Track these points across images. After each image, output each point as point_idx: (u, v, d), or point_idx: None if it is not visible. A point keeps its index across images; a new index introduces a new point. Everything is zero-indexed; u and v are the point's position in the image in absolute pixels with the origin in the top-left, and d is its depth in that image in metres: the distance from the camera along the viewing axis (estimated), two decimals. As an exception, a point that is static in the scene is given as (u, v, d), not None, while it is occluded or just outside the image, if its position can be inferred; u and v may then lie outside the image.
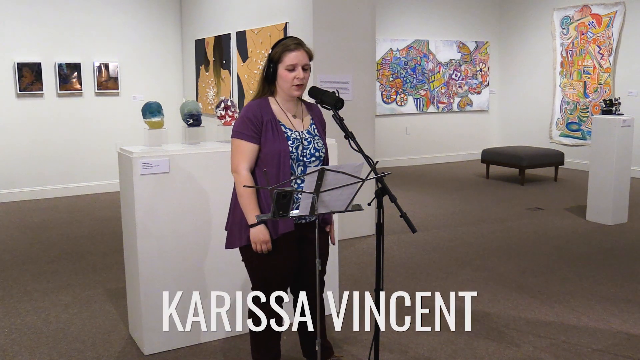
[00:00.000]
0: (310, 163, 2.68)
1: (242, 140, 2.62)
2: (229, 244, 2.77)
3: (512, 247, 5.40)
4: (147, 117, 3.50)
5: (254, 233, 2.59)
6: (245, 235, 2.66)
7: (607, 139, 6.09)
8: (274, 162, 2.60)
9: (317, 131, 2.75)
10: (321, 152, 2.72)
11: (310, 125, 2.75)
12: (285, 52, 2.61)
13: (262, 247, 2.60)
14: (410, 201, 7.35)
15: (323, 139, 2.77)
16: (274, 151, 2.59)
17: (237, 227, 2.71)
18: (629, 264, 4.93)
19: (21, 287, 4.46)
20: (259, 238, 2.59)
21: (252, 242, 2.61)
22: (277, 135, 2.61)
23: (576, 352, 3.36)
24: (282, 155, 2.59)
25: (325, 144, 2.77)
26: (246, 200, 2.60)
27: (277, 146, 2.59)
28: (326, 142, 2.80)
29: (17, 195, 7.55)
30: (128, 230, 3.40)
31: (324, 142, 2.76)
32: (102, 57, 7.95)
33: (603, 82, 9.28)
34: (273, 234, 2.62)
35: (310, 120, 2.77)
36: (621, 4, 8.97)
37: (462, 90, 10.77)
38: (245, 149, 2.62)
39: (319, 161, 2.72)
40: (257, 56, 6.63)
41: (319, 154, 2.71)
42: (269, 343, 2.86)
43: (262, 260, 2.66)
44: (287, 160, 2.60)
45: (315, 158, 2.70)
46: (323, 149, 2.73)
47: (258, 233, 2.59)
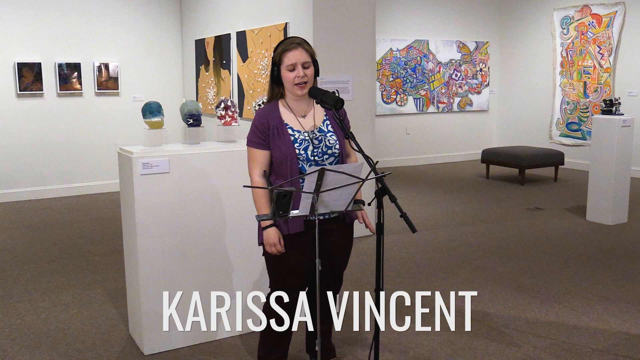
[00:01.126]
0: (323, 161, 2.69)
1: (253, 148, 2.70)
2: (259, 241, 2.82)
3: (512, 247, 5.40)
4: (147, 117, 3.50)
5: (265, 236, 2.64)
6: (262, 235, 2.71)
7: (607, 139, 6.09)
8: (283, 165, 2.65)
9: (330, 127, 2.75)
10: (334, 148, 2.71)
11: (323, 122, 2.75)
12: (284, 52, 2.65)
13: (272, 249, 2.64)
14: (410, 201, 7.35)
15: (338, 134, 2.74)
16: (282, 155, 2.64)
17: (259, 227, 2.77)
18: (629, 264, 4.93)
19: (21, 287, 4.46)
20: (267, 240, 2.64)
21: (265, 244, 2.67)
22: (283, 139, 2.65)
23: (576, 352, 3.36)
24: (290, 159, 2.63)
25: (341, 140, 2.74)
26: (257, 202, 2.68)
27: (284, 150, 2.63)
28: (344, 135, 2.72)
29: (17, 195, 7.55)
30: (128, 230, 3.40)
31: (339, 137, 2.74)
32: (102, 57, 7.95)
33: (603, 82, 9.28)
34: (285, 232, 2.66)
35: (324, 116, 2.77)
36: (621, 4, 8.97)
37: (462, 90, 10.77)
38: (257, 155, 2.70)
39: (334, 158, 2.72)
40: (257, 56, 6.63)
41: (332, 150, 2.70)
42: (281, 342, 2.88)
43: (277, 259, 2.71)
44: (295, 163, 2.63)
45: (329, 155, 2.70)
46: (337, 145, 2.72)
47: (268, 236, 2.63)
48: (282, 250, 2.65)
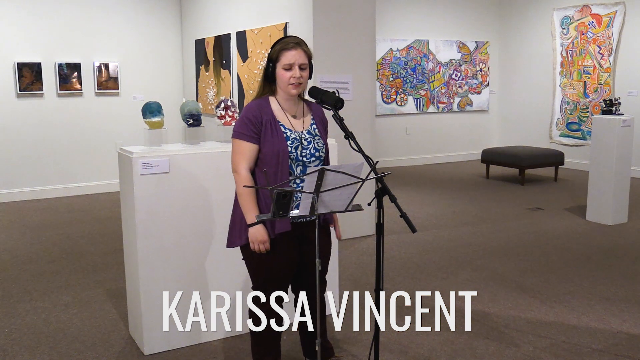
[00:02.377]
0: (310, 163, 2.68)
1: (242, 141, 2.63)
2: (230, 242, 2.78)
3: (512, 247, 5.40)
4: (147, 117, 3.50)
5: (252, 233, 2.60)
6: (245, 235, 2.67)
7: (607, 139, 6.09)
8: (272, 162, 2.61)
9: (317, 131, 2.75)
10: (321, 152, 2.72)
11: (310, 125, 2.75)
12: (282, 51, 2.62)
13: (260, 247, 2.60)
14: (410, 201, 7.35)
15: (324, 138, 2.77)
16: (273, 151, 2.60)
17: (238, 226, 2.71)
18: (629, 264, 4.93)
19: (21, 287, 4.46)
20: (256, 238, 2.59)
21: (250, 241, 2.61)
22: (276, 135, 2.62)
23: (576, 352, 3.36)
24: (281, 156, 2.60)
25: (326, 144, 2.76)
26: (245, 199, 2.61)
27: (276, 146, 2.60)
28: (327, 142, 2.80)
29: (17, 195, 7.55)
30: (128, 230, 3.40)
31: (324, 142, 2.76)
32: (102, 57, 7.95)
33: (603, 82, 9.28)
34: (271, 234, 2.62)
35: (311, 119, 2.77)
36: (621, 4, 8.97)
37: (462, 90, 10.77)
38: (245, 149, 2.63)
39: (319, 161, 2.72)
40: (257, 56, 6.63)
41: (319, 154, 2.71)
42: (269, 343, 2.86)
43: (262, 259, 2.67)
44: (286, 161, 2.61)
45: (316, 158, 2.70)
46: (323, 149, 2.73)
47: (256, 233, 2.59)
48: (269, 248, 2.61)
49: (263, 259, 2.66)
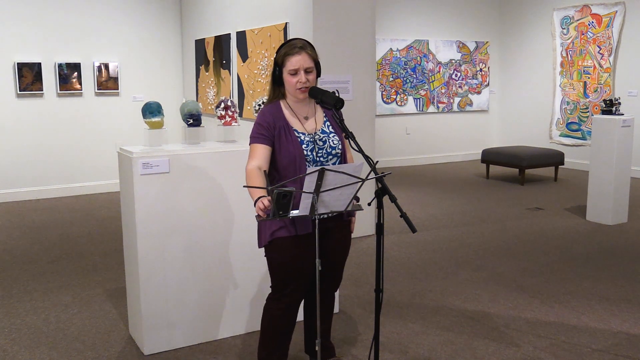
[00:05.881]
0: (327, 162, 2.70)
1: (255, 144, 2.66)
2: (258, 243, 2.78)
3: (512, 247, 5.40)
4: (147, 117, 3.50)
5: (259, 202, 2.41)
6: (264, 235, 2.69)
7: (607, 139, 6.09)
8: (290, 167, 2.63)
9: (331, 128, 2.76)
10: (337, 149, 2.73)
11: (324, 123, 2.76)
12: (287, 56, 2.64)
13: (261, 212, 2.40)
14: (410, 201, 7.35)
15: (339, 134, 2.77)
16: (289, 156, 2.63)
17: (259, 229, 2.73)
18: (629, 264, 4.93)
19: (21, 287, 4.46)
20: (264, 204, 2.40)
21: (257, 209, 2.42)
22: (291, 141, 2.64)
23: (576, 352, 3.36)
24: (298, 160, 2.62)
25: (342, 139, 2.76)
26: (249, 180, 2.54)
27: (292, 151, 2.62)
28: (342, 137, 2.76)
29: (17, 195, 7.55)
30: (128, 230, 3.40)
31: (340, 137, 2.76)
32: (102, 57, 7.95)
33: (603, 82, 9.28)
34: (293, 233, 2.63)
35: (323, 117, 2.78)
36: (621, 4, 8.97)
37: (462, 90, 10.77)
38: (257, 149, 2.64)
39: (337, 158, 2.73)
40: (257, 56, 6.63)
41: (335, 151, 2.72)
42: (280, 342, 2.87)
43: (283, 261, 2.68)
44: (304, 164, 2.63)
45: (332, 156, 2.72)
46: (339, 145, 2.74)
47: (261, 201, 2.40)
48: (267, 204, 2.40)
49: (285, 260, 2.67)
